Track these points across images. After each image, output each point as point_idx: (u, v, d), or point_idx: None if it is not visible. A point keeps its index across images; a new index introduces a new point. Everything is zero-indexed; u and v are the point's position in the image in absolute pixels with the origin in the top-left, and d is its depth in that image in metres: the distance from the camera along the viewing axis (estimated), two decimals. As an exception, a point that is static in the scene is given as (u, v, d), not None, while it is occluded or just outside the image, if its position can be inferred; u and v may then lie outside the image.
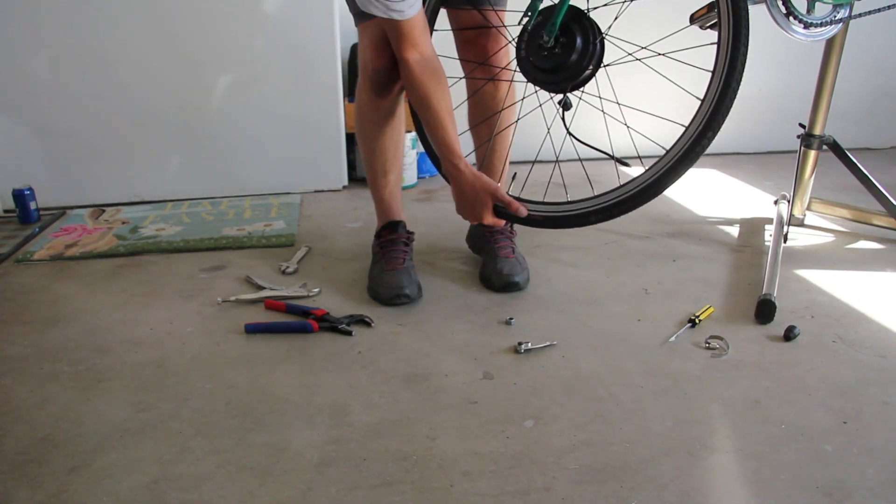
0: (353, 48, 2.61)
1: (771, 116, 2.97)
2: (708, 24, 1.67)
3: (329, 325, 1.50)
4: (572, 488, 1.01)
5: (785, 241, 1.87)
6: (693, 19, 1.68)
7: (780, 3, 1.67)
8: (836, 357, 1.36)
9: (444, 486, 1.03)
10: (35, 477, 1.06)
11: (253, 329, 1.50)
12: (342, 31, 2.44)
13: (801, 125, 1.99)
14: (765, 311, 1.50)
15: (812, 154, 2.00)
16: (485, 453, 1.09)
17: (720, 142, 3.03)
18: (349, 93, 2.65)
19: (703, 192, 2.48)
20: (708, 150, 3.37)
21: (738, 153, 3.04)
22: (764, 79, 2.95)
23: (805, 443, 1.11)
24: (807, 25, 1.71)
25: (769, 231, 2.05)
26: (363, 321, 1.52)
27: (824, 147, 1.96)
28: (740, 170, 2.77)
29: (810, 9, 1.72)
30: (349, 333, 1.47)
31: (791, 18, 1.68)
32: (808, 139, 1.98)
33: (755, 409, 1.20)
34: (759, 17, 1.71)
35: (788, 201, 2.09)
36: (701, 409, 1.20)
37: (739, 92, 3.13)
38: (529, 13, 1.52)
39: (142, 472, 1.06)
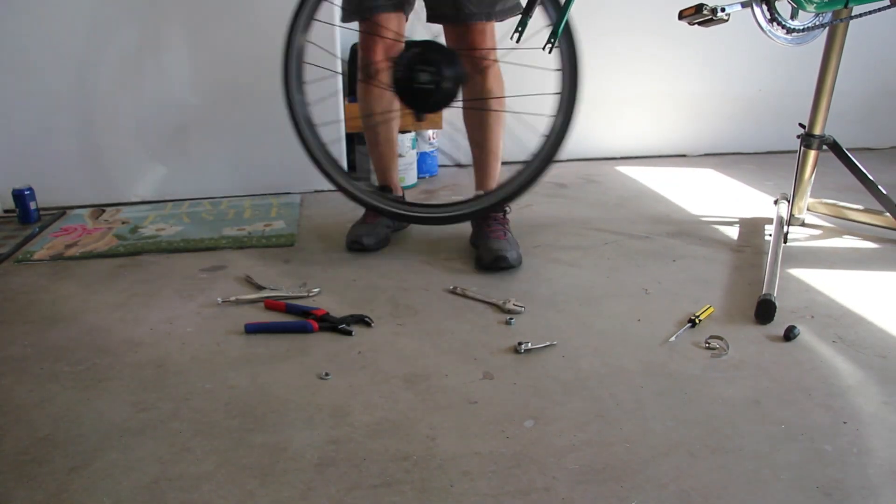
0: (353, 48, 2.61)
1: (771, 116, 2.97)
2: (696, 22, 1.68)
3: (329, 325, 1.50)
4: (572, 488, 1.01)
5: (785, 242, 1.87)
6: (682, 16, 1.70)
7: (764, 9, 1.69)
8: (836, 357, 1.36)
9: (444, 486, 1.03)
10: (35, 477, 1.06)
11: (253, 329, 1.50)
12: (342, 31, 2.44)
13: (801, 125, 1.99)
14: (765, 311, 1.50)
15: (812, 154, 2.00)
16: (485, 453, 1.09)
17: (720, 142, 3.07)
18: (349, 93, 2.65)
19: (702, 192, 2.48)
20: (708, 150, 3.37)
21: (738, 153, 3.04)
22: (764, 79, 2.95)
23: (805, 443, 1.11)
24: (789, 31, 1.75)
25: (769, 231, 2.05)
26: (363, 321, 1.52)
27: (824, 147, 1.96)
28: (740, 170, 2.77)
29: (794, 15, 1.75)
30: (349, 333, 1.47)
31: (774, 24, 1.71)
32: (808, 139, 1.98)
33: (755, 409, 1.20)
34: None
35: (788, 201, 2.09)
36: (701, 409, 1.20)
37: (739, 92, 3.12)
38: (520, 28, 1.54)
39: (142, 472, 1.06)
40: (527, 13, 1.53)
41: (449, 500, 1.00)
